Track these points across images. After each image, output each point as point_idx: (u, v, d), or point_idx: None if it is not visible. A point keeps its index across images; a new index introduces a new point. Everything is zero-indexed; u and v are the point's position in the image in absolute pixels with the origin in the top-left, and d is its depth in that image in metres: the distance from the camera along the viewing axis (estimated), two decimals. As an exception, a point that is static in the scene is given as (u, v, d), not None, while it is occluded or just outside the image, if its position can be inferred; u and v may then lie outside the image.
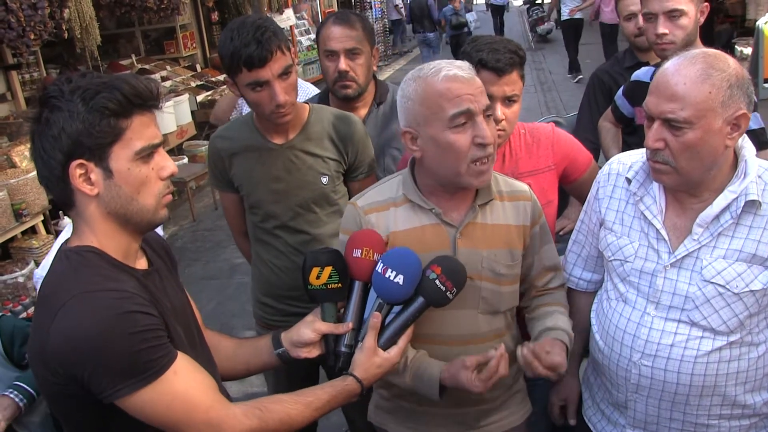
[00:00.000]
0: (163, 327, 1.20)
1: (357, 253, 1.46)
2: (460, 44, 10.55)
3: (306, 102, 2.15)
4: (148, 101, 1.21)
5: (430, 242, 1.53)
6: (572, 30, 10.69)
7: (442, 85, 1.43)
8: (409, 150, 1.54)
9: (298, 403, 1.32)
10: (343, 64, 2.21)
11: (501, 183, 1.64)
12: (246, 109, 4.00)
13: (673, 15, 2.23)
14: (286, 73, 1.83)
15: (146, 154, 1.21)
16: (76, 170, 1.17)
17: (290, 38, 10.78)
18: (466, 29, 11.34)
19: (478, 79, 1.48)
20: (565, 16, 10.59)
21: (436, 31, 11.54)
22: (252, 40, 1.75)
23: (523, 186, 1.67)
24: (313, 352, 1.50)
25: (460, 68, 1.46)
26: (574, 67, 11.03)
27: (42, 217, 4.94)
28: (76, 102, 1.15)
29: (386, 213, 1.58)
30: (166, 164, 1.26)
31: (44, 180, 1.22)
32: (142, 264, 1.32)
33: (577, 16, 10.47)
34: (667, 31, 2.23)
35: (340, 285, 1.47)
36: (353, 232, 1.54)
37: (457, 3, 11.38)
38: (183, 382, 1.19)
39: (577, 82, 10.71)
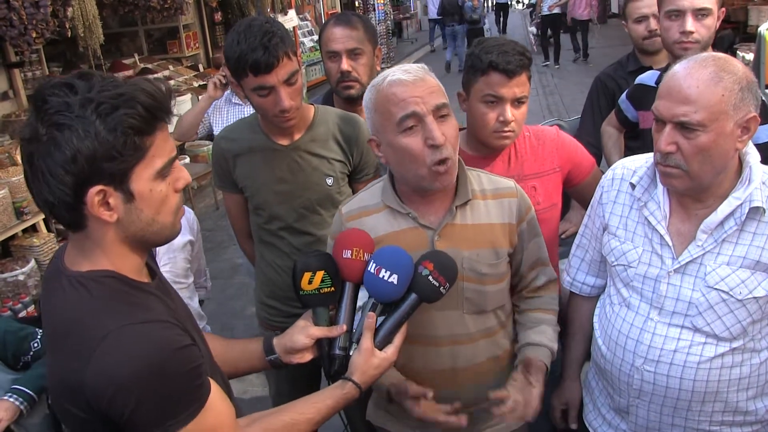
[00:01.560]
0: (202, 356, 1.15)
1: (347, 254, 1.46)
2: (476, 36, 12.02)
3: (311, 103, 2.15)
4: (168, 111, 1.11)
5: (409, 245, 1.52)
6: (551, 24, 12.95)
7: (388, 91, 1.46)
8: (377, 158, 1.57)
9: (301, 423, 1.31)
10: (345, 64, 2.22)
11: (484, 181, 1.64)
12: (214, 121, 3.82)
13: (702, 14, 2.21)
14: (291, 78, 1.83)
15: (166, 172, 1.12)
16: (94, 197, 1.04)
17: (293, 39, 10.77)
18: (481, 24, 13.72)
19: (430, 79, 1.48)
20: (544, 11, 12.83)
21: (463, 24, 13.50)
22: (259, 45, 1.75)
23: (508, 183, 1.67)
24: (306, 357, 1.48)
25: (406, 72, 1.48)
26: (554, 56, 13.07)
27: (43, 216, 4.94)
28: (91, 119, 1.01)
29: (366, 219, 1.61)
30: (181, 175, 1.16)
31: (47, 205, 1.07)
32: (146, 274, 1.24)
33: (555, 11, 12.70)
34: (694, 29, 2.21)
35: (333, 289, 1.46)
36: (340, 233, 1.54)
37: (476, 1, 13.54)
38: (212, 417, 1.14)
39: (556, 67, 12.86)
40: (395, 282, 1.39)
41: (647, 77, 2.51)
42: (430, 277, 1.41)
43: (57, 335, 1.11)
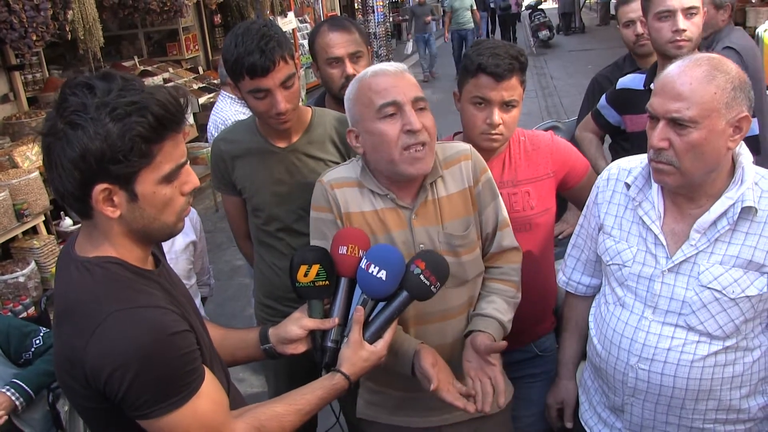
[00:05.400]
0: (197, 344, 1.20)
1: (343, 249, 1.51)
2: (505, 22, 15.89)
3: (308, 105, 2.17)
4: (180, 122, 1.15)
5: (389, 224, 1.60)
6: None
7: (371, 80, 1.56)
8: (354, 148, 1.64)
9: (291, 414, 1.35)
10: (350, 68, 2.23)
11: (438, 151, 1.65)
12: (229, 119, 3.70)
13: (691, 12, 2.25)
14: (288, 81, 1.85)
15: (173, 177, 1.17)
16: (99, 194, 1.11)
17: (293, 41, 10.80)
18: (512, 11, 16.06)
19: (410, 76, 1.58)
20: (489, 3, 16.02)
21: (485, 11, 15.91)
22: (255, 48, 1.76)
23: (463, 146, 1.70)
24: (299, 349, 1.53)
25: (389, 65, 1.59)
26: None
27: (43, 218, 4.94)
28: (104, 122, 1.07)
29: (351, 189, 1.65)
30: (189, 179, 1.22)
31: (59, 194, 1.15)
32: (151, 263, 1.30)
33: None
34: (686, 27, 2.25)
35: (327, 282, 1.51)
36: (339, 230, 1.59)
37: None
38: (204, 404, 1.19)
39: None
40: (383, 278, 1.44)
41: (629, 80, 2.52)
42: (422, 276, 1.45)
43: (62, 314, 1.18)
